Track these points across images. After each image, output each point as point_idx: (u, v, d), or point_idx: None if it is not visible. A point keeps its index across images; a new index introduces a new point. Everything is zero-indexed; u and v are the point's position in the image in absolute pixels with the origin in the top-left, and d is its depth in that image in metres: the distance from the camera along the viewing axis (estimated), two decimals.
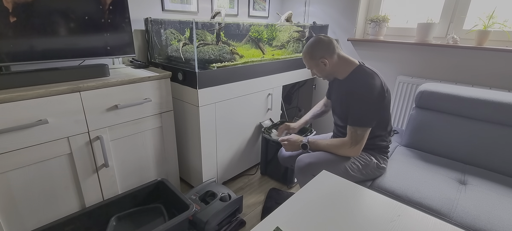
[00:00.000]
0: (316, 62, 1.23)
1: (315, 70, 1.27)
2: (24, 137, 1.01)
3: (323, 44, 1.21)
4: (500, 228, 0.97)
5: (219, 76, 1.48)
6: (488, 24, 1.60)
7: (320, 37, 1.23)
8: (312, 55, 1.23)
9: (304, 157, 1.24)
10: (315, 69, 1.27)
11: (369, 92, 1.14)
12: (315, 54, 1.22)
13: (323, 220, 0.71)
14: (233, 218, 1.44)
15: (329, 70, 1.24)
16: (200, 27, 1.60)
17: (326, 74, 1.28)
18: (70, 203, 1.21)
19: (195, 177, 1.68)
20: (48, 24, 1.10)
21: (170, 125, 1.50)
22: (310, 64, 1.26)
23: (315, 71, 1.28)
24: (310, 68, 1.29)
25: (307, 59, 1.26)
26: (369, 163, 1.23)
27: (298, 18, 2.50)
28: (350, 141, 1.18)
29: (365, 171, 1.23)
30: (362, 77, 1.18)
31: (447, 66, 1.81)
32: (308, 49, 1.24)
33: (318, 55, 1.21)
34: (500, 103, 1.30)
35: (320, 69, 1.25)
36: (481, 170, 1.33)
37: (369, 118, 1.16)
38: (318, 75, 1.30)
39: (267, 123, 1.92)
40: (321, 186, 0.85)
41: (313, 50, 1.22)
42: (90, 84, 1.13)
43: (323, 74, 1.28)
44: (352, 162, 1.21)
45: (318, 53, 1.21)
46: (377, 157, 1.26)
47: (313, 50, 1.22)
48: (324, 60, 1.21)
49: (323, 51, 1.21)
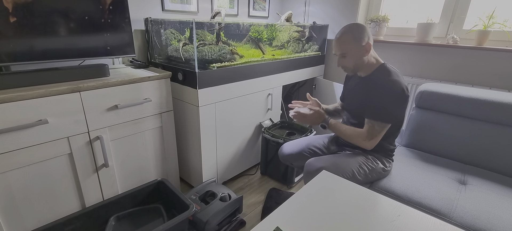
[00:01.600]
0: (358, 45, 1.14)
1: (352, 56, 1.17)
2: (24, 137, 1.01)
3: (366, 29, 1.15)
4: (500, 228, 0.97)
5: (219, 76, 1.48)
6: (488, 24, 1.60)
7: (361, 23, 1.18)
8: (358, 36, 1.13)
9: (314, 161, 1.22)
10: (353, 56, 1.16)
11: (393, 89, 1.11)
12: (361, 36, 1.13)
13: (323, 220, 0.71)
14: (233, 218, 1.44)
15: (365, 60, 1.18)
16: (200, 27, 1.60)
17: (359, 64, 1.19)
18: (70, 203, 1.21)
19: (195, 177, 1.68)
20: (48, 24, 1.10)
21: (170, 125, 1.50)
22: (350, 47, 1.15)
23: (348, 60, 1.18)
24: (345, 52, 1.17)
25: (349, 40, 1.15)
26: (376, 167, 1.23)
27: (298, 18, 2.50)
28: (366, 133, 1.16)
29: (371, 175, 1.23)
30: (388, 74, 1.15)
31: (447, 66, 1.81)
32: (353, 30, 1.14)
33: (364, 39, 1.14)
34: (500, 103, 1.30)
35: (359, 55, 1.16)
36: (481, 170, 1.33)
37: (388, 114, 1.13)
38: (346, 64, 1.20)
39: (267, 123, 1.92)
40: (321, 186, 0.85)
41: (360, 32, 1.14)
42: (90, 84, 1.13)
43: (356, 64, 1.18)
44: (359, 166, 1.20)
45: (365, 36, 1.14)
46: (383, 160, 1.26)
47: (359, 31, 1.14)
48: (369, 44, 1.14)
49: (368, 36, 1.14)
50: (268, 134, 1.78)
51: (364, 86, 1.23)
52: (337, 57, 1.23)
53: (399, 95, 1.12)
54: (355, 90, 1.31)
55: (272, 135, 1.76)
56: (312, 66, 2.22)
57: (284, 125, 1.99)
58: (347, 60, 1.19)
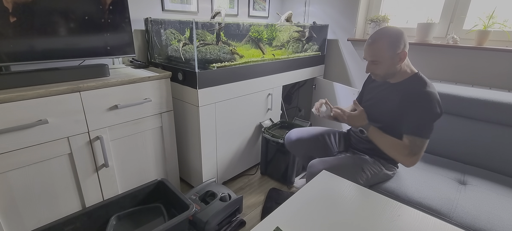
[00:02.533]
0: (393, 53, 1.07)
1: (385, 63, 1.09)
2: (24, 137, 1.01)
3: (405, 36, 1.07)
4: (500, 228, 0.97)
5: (219, 76, 1.48)
6: (488, 24, 1.60)
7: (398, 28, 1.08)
8: (395, 44, 1.05)
9: (317, 163, 1.20)
10: (386, 63, 1.09)
11: (433, 104, 1.05)
12: (398, 44, 1.06)
13: (323, 220, 0.71)
14: (233, 218, 1.44)
15: (399, 68, 1.10)
16: (200, 27, 1.60)
17: (392, 72, 1.12)
18: (70, 203, 1.21)
19: (195, 177, 1.68)
20: (48, 24, 1.10)
21: (170, 125, 1.50)
22: (385, 54, 1.07)
23: (382, 67, 1.10)
24: (378, 59, 1.09)
25: (385, 48, 1.06)
26: (379, 173, 1.22)
27: (298, 18, 2.50)
28: (409, 150, 1.06)
29: (373, 179, 1.22)
30: (424, 85, 1.09)
31: (447, 66, 1.81)
32: (391, 36, 1.06)
33: (401, 47, 1.06)
34: (500, 103, 1.30)
35: (392, 63, 1.09)
36: (481, 170, 1.33)
37: (429, 129, 1.06)
38: (377, 72, 1.13)
39: (267, 123, 1.92)
40: (321, 186, 0.85)
41: (398, 40, 1.06)
42: (90, 84, 1.13)
43: (389, 71, 1.11)
44: (363, 171, 1.19)
45: (401, 44, 1.06)
46: (388, 166, 1.25)
47: (397, 38, 1.06)
48: (405, 52, 1.07)
49: (405, 42, 1.07)
50: (268, 134, 1.78)
51: (396, 94, 1.15)
52: (367, 62, 1.15)
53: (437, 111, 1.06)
54: (382, 95, 1.23)
55: (272, 135, 1.76)
56: (312, 66, 2.22)
57: (284, 125, 1.99)
58: (378, 67, 1.11)
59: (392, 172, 1.27)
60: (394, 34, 1.07)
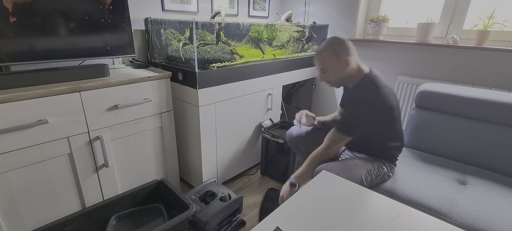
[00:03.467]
0: (338, 60, 1.13)
1: (332, 70, 1.16)
2: (24, 137, 1.01)
3: (346, 43, 1.14)
4: (500, 228, 0.97)
5: (219, 76, 1.48)
6: (488, 24, 1.60)
7: (341, 37, 1.16)
8: (336, 51, 1.13)
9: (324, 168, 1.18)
10: (333, 70, 1.16)
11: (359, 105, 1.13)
12: (340, 50, 1.12)
13: (323, 220, 0.71)
14: (233, 218, 1.44)
15: (347, 73, 1.16)
16: (200, 27, 1.60)
17: (341, 78, 1.19)
18: (70, 203, 1.21)
19: (195, 177, 1.68)
20: (48, 24, 1.10)
21: (170, 125, 1.50)
22: (330, 62, 1.15)
23: (330, 73, 1.18)
24: (325, 68, 1.17)
25: (327, 56, 1.14)
26: (381, 172, 1.23)
27: (298, 18, 2.50)
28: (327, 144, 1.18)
29: (376, 180, 1.23)
30: (361, 89, 1.16)
31: (447, 66, 1.81)
32: (332, 45, 1.14)
33: (343, 53, 1.12)
34: (500, 103, 1.30)
35: (338, 70, 1.15)
36: (481, 170, 1.33)
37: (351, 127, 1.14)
38: (329, 79, 1.20)
39: (267, 123, 1.92)
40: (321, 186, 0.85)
41: (338, 47, 1.13)
42: (90, 84, 1.13)
43: (338, 77, 1.18)
44: (367, 172, 1.19)
45: (343, 50, 1.13)
46: (388, 164, 1.26)
47: (338, 46, 1.13)
48: (347, 58, 1.12)
49: (348, 49, 1.13)
50: (268, 134, 1.78)
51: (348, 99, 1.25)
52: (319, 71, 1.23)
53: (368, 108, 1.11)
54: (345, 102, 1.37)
55: (272, 135, 1.76)
56: (312, 66, 2.22)
57: (284, 125, 1.99)
58: (328, 75, 1.19)
59: (391, 170, 1.27)
60: (335, 43, 1.15)
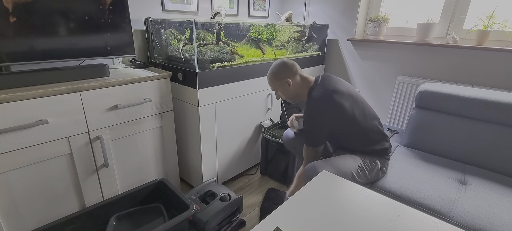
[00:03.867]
0: (280, 82, 1.27)
1: (280, 91, 1.31)
2: (24, 137, 1.01)
3: (286, 65, 1.27)
4: (500, 228, 0.97)
5: (219, 76, 1.48)
6: (488, 24, 1.60)
7: (283, 60, 1.29)
8: (277, 75, 1.27)
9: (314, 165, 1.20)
10: (280, 91, 1.31)
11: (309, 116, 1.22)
12: (279, 74, 1.27)
13: (323, 220, 0.71)
14: (233, 218, 1.44)
15: (293, 91, 1.28)
16: (200, 27, 1.60)
17: (291, 96, 1.31)
18: (70, 203, 1.21)
19: (195, 177, 1.67)
20: (48, 24, 1.10)
21: (170, 125, 1.50)
22: (275, 85, 1.30)
23: (280, 93, 1.32)
24: (275, 89, 1.33)
25: (272, 80, 1.30)
26: (374, 167, 1.23)
27: (298, 18, 2.50)
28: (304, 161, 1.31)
29: (370, 175, 1.23)
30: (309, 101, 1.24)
31: (447, 66, 1.81)
32: (273, 70, 1.29)
33: (282, 76, 1.26)
34: (500, 103, 1.30)
35: (285, 90, 1.29)
36: (481, 170, 1.33)
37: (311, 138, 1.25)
38: (283, 97, 1.34)
39: (267, 123, 1.92)
40: (321, 186, 0.85)
41: (278, 71, 1.27)
42: (90, 84, 1.13)
43: (288, 96, 1.32)
44: (359, 168, 1.20)
45: (283, 73, 1.26)
46: (380, 160, 1.26)
47: (278, 70, 1.27)
48: (288, 80, 1.25)
49: (287, 71, 1.26)
50: (268, 134, 1.78)
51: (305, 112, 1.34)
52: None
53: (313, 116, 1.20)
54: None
55: (272, 135, 1.76)
56: (312, 66, 2.22)
57: (284, 125, 1.99)
58: (279, 95, 1.33)
59: (385, 165, 1.28)
60: (276, 68, 1.28)
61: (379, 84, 2.15)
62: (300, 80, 1.28)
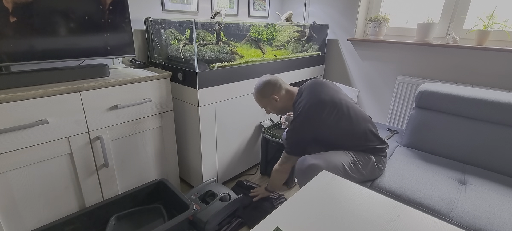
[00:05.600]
0: (268, 100, 1.34)
1: (269, 107, 1.37)
2: (24, 137, 1.01)
3: (270, 83, 1.33)
4: (500, 228, 0.97)
5: (219, 76, 1.48)
6: (488, 24, 1.60)
7: (267, 78, 1.34)
8: (264, 94, 1.33)
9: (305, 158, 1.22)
10: (269, 107, 1.37)
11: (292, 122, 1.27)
12: (265, 92, 1.33)
13: (323, 220, 0.71)
14: (233, 218, 1.44)
15: (281, 105, 1.35)
16: (200, 27, 1.60)
17: (279, 110, 1.38)
18: (70, 203, 1.21)
19: (195, 177, 1.67)
20: (48, 24, 1.10)
21: (170, 125, 1.50)
22: (263, 102, 1.37)
23: (269, 109, 1.38)
24: (264, 106, 1.39)
25: (259, 99, 1.36)
26: (368, 162, 1.23)
27: (298, 18, 2.50)
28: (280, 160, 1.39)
29: (364, 170, 1.23)
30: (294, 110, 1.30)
31: (447, 66, 1.81)
32: (259, 90, 1.34)
33: (268, 93, 1.33)
34: (500, 103, 1.30)
35: (273, 106, 1.36)
36: (481, 170, 1.33)
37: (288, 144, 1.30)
38: (272, 112, 1.40)
39: (267, 123, 1.92)
40: (321, 186, 0.85)
41: (264, 90, 1.33)
42: (90, 84, 1.13)
43: (276, 110, 1.38)
44: (350, 161, 1.20)
45: (269, 91, 1.33)
46: (375, 157, 1.26)
47: (263, 89, 1.33)
48: (274, 96, 1.32)
49: (272, 88, 1.33)
50: (268, 134, 1.78)
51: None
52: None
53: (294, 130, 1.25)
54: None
55: (272, 135, 1.76)
56: (312, 66, 2.22)
57: None
58: (268, 110, 1.40)
59: (381, 161, 1.27)
60: (261, 86, 1.34)
61: (379, 84, 2.15)
62: (285, 94, 1.35)
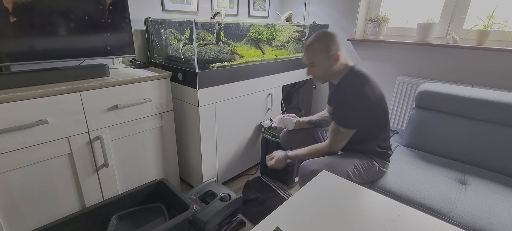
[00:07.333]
0: (327, 55, 1.13)
1: (320, 66, 1.16)
2: (24, 137, 1.01)
3: (336, 38, 1.14)
4: (500, 228, 0.97)
5: (219, 76, 1.48)
6: (488, 24, 1.60)
7: (331, 31, 1.15)
8: (327, 47, 1.12)
9: (308, 164, 1.20)
10: (321, 65, 1.15)
11: (351, 95, 1.13)
12: (330, 46, 1.12)
13: (323, 220, 0.71)
14: (233, 218, 1.44)
15: (333, 69, 1.16)
16: (200, 27, 1.60)
17: (328, 74, 1.18)
18: (70, 203, 1.21)
19: (195, 177, 1.68)
20: (48, 24, 1.10)
21: (170, 125, 1.50)
22: (319, 57, 1.14)
23: (318, 68, 1.17)
24: (314, 62, 1.16)
25: (317, 50, 1.13)
26: (371, 167, 1.22)
27: (298, 18, 2.50)
28: (330, 141, 1.20)
29: (366, 175, 1.22)
30: (350, 80, 1.16)
31: (447, 66, 1.81)
32: (322, 40, 1.12)
33: (333, 48, 1.12)
34: (500, 103, 1.30)
35: (327, 66, 1.15)
36: (481, 170, 1.33)
37: (349, 119, 1.14)
38: (316, 74, 1.20)
39: (267, 123, 1.92)
40: (321, 186, 0.85)
41: (330, 43, 1.12)
42: (90, 84, 1.13)
43: (323, 73, 1.18)
44: (354, 167, 1.19)
45: (334, 46, 1.12)
46: (379, 161, 1.25)
47: (329, 41, 1.12)
48: (338, 53, 1.12)
49: (337, 44, 1.13)
50: (268, 134, 1.78)
51: (335, 94, 1.22)
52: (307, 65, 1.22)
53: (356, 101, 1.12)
54: (331, 98, 1.42)
55: (272, 135, 1.76)
56: None
57: None
58: (316, 69, 1.19)
59: (384, 166, 1.27)
60: (326, 37, 1.13)
61: (379, 84, 2.15)
62: (343, 58, 1.16)
